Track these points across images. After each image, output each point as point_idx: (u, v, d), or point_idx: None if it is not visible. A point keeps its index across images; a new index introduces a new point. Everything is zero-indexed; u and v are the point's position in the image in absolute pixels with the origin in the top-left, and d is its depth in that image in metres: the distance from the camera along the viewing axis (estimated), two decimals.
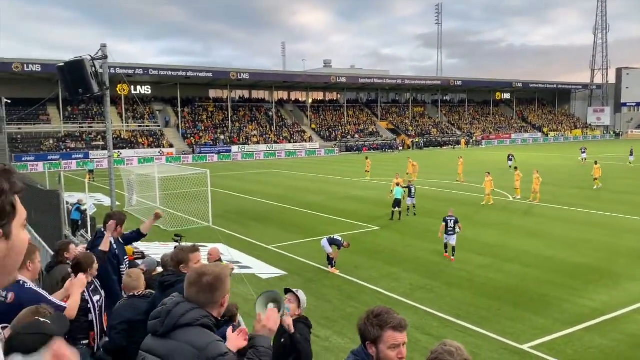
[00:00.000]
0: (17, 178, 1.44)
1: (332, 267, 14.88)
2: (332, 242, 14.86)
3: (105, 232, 6.62)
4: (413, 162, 36.48)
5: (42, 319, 2.75)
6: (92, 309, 5.27)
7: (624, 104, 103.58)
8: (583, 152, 49.75)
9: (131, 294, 5.23)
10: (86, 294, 5.29)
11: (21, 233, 1.45)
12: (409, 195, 23.14)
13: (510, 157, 41.52)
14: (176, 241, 11.87)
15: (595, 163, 31.56)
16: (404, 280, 13.91)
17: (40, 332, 2.56)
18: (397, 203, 21.84)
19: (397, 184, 23.09)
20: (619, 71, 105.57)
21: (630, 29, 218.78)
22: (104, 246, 6.41)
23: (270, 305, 3.61)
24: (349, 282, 13.84)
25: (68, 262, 6.25)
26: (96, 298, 5.54)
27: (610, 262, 15.18)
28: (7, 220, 1.40)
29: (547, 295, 12.48)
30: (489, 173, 26.06)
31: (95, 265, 5.52)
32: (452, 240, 15.97)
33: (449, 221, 16.18)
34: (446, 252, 16.14)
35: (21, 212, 1.45)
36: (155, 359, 2.84)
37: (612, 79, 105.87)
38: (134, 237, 7.36)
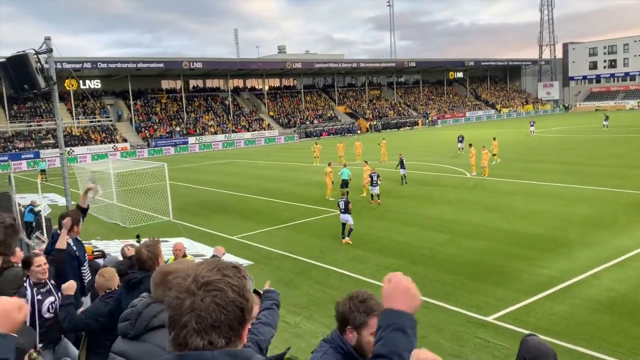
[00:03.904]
0: (15, 241, 1.32)
1: (346, 237, 15.93)
2: (347, 211, 15.87)
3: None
4: (358, 143, 39.11)
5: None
6: (31, 311, 5.04)
7: (572, 78, 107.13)
8: (532, 126, 51.81)
9: (104, 294, 5.04)
10: (28, 293, 5.07)
11: None
12: (401, 166, 26.28)
13: (460, 139, 39.98)
14: (137, 242, 11.66)
15: (494, 139, 32.55)
16: (370, 261, 14.06)
17: None
18: (344, 184, 22.75)
19: (345, 165, 24.30)
20: (565, 46, 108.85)
21: (574, 5, 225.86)
22: (60, 244, 6.13)
23: None
24: (316, 268, 13.89)
25: (14, 265, 6.03)
26: (50, 299, 5.32)
27: (564, 231, 15.76)
28: None
29: (507, 266, 12.87)
30: (366, 162, 25.21)
31: (35, 268, 5.32)
32: (377, 190, 21.56)
33: (373, 176, 21.53)
34: (372, 200, 21.74)
35: None
36: None
37: (559, 54, 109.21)
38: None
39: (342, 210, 16.07)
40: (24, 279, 5.30)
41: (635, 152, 32.36)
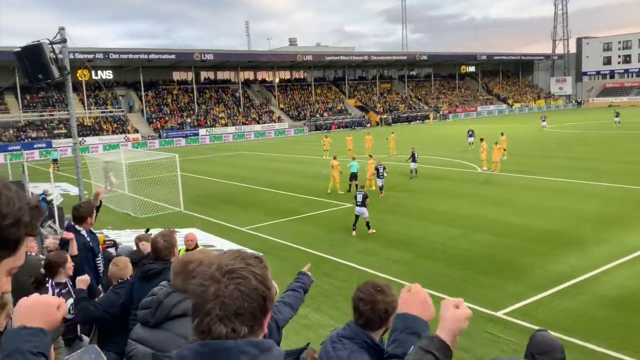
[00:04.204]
0: (40, 222, 1.33)
1: (370, 229, 16.19)
2: (364, 204, 16.01)
3: (74, 226, 6.42)
4: (369, 137, 38.77)
5: None
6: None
7: (585, 73, 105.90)
8: (543, 121, 51.55)
9: (116, 283, 5.06)
10: (50, 293, 5.05)
11: (1, 279, 1.33)
12: (413, 160, 26.34)
13: (470, 133, 39.12)
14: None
15: (502, 134, 31.95)
16: (379, 254, 14.07)
17: None
18: (353, 176, 22.95)
19: (353, 158, 24.46)
20: (579, 41, 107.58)
21: None
22: (72, 251, 6.09)
23: None
24: (325, 260, 13.92)
25: (28, 253, 6.06)
26: (70, 301, 5.30)
27: (576, 227, 15.66)
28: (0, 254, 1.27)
29: (518, 262, 12.82)
30: (370, 156, 25.18)
31: (68, 265, 5.33)
32: (381, 182, 22.13)
33: (380, 168, 22.22)
34: (381, 193, 21.76)
35: (18, 258, 1.34)
36: (146, 350, 2.76)
37: (572, 49, 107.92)
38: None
39: (359, 203, 16.10)
40: (46, 279, 5.28)
41: None
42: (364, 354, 2.67)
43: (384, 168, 22.36)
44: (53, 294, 5.01)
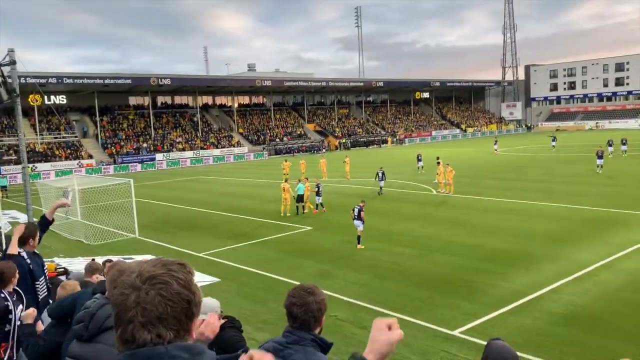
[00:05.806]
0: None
1: (358, 244, 16.86)
2: (360, 217, 16.70)
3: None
4: (322, 160, 40.44)
5: None
6: (12, 320, 4.92)
7: (533, 99, 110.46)
8: (495, 144, 53.67)
9: None
10: (10, 304, 4.95)
11: None
12: (381, 179, 28.44)
13: (419, 158, 39.21)
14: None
15: (437, 158, 33.26)
16: (338, 276, 14.10)
17: None
18: (299, 199, 24.05)
19: (299, 181, 25.40)
20: (527, 68, 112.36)
21: (535, 28, 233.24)
22: (11, 250, 5.91)
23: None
24: (283, 283, 13.83)
25: None
26: (20, 308, 5.21)
27: (526, 246, 16.16)
28: None
29: (473, 281, 13.10)
30: (307, 179, 25.46)
31: (17, 276, 5.21)
32: (319, 200, 23.93)
33: (320, 186, 23.78)
34: (316, 209, 23.65)
35: None
36: None
37: (521, 76, 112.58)
38: (41, 225, 6.83)
39: (355, 217, 16.88)
40: None
41: (590, 171, 33.44)
42: (319, 352, 2.71)
43: (321, 187, 24.51)
44: (12, 303, 4.91)
